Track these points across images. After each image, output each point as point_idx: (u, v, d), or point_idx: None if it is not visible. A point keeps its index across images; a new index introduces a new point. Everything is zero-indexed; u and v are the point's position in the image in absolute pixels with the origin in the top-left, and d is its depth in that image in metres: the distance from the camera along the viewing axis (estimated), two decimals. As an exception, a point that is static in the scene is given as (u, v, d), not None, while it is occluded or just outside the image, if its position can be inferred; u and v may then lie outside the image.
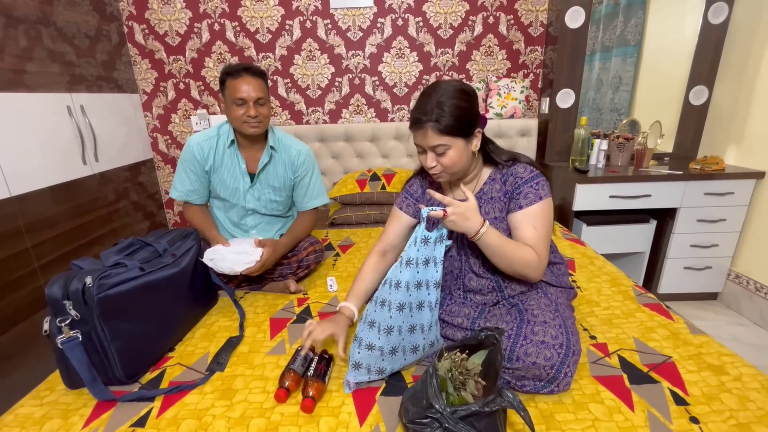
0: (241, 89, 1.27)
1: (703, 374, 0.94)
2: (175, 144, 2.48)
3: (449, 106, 0.90)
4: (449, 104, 0.90)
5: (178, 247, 1.18)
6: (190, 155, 1.40)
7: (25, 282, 1.58)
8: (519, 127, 2.30)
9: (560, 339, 0.89)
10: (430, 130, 0.91)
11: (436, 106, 0.90)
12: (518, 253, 0.93)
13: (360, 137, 2.34)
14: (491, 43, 2.32)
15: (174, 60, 2.32)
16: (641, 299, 1.27)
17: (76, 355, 0.88)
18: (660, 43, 2.28)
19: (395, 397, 0.89)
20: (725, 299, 2.14)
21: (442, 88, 0.93)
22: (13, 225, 1.53)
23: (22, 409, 0.90)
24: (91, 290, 0.87)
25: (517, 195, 0.98)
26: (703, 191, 1.95)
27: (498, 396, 0.67)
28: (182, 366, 1.03)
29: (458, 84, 0.94)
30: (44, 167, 1.68)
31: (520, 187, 0.97)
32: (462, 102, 0.91)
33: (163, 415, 0.86)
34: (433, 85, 0.95)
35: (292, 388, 0.90)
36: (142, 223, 2.38)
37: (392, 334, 0.89)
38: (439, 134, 0.91)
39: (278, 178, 1.47)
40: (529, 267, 0.94)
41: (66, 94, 1.82)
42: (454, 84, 0.94)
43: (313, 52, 2.31)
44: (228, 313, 1.28)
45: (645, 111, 2.37)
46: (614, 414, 0.83)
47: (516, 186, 0.98)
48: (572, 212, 2.04)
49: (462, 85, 0.94)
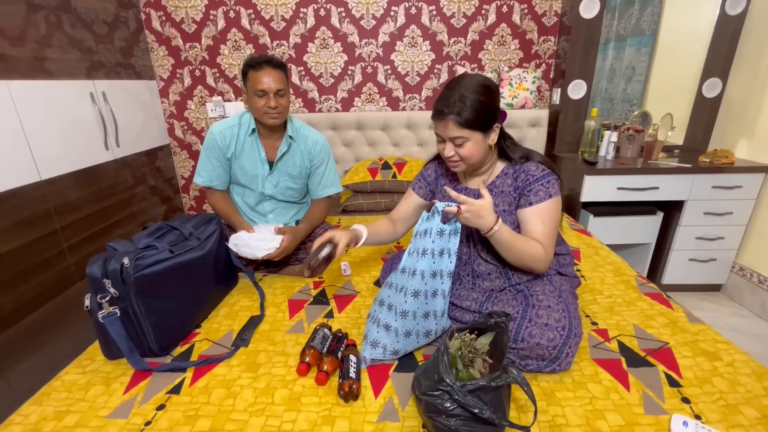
0: (262, 81, 1.32)
1: (697, 359, 0.99)
2: (191, 130, 2.54)
3: (471, 100, 0.94)
4: (471, 99, 0.95)
5: (202, 231, 1.25)
6: (212, 142, 1.46)
7: (55, 262, 1.67)
8: (529, 118, 2.32)
9: (563, 322, 0.95)
10: (451, 122, 0.96)
11: (458, 100, 0.95)
12: (527, 248, 0.99)
13: (372, 126, 2.38)
14: (504, 33, 2.32)
15: (190, 47, 2.36)
16: (643, 289, 1.33)
17: (115, 329, 0.96)
18: (675, 33, 2.27)
19: (407, 373, 0.96)
20: (728, 291, 2.18)
21: (467, 82, 0.97)
22: (43, 207, 1.62)
23: (67, 376, 0.98)
24: (129, 270, 0.95)
25: (527, 192, 1.02)
26: (711, 184, 1.97)
27: (503, 372, 0.74)
28: (209, 341, 1.11)
29: (482, 79, 0.99)
30: (70, 152, 1.75)
31: (532, 185, 1.02)
32: (483, 97, 0.96)
33: (196, 384, 0.95)
34: (458, 79, 1.00)
35: (312, 363, 0.98)
36: (159, 207, 2.46)
37: (407, 318, 0.96)
38: (459, 127, 0.96)
39: (295, 167, 1.53)
40: (536, 261, 1.00)
41: (89, 81, 1.88)
42: (478, 79, 0.98)
43: (326, 40, 2.34)
44: (248, 294, 1.36)
45: (657, 102, 2.37)
46: (611, 393, 0.90)
47: (527, 183, 1.03)
48: (579, 203, 2.08)
49: (485, 81, 0.99)
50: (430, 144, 2.41)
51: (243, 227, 1.42)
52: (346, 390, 0.88)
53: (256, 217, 1.61)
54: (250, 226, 1.44)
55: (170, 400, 0.90)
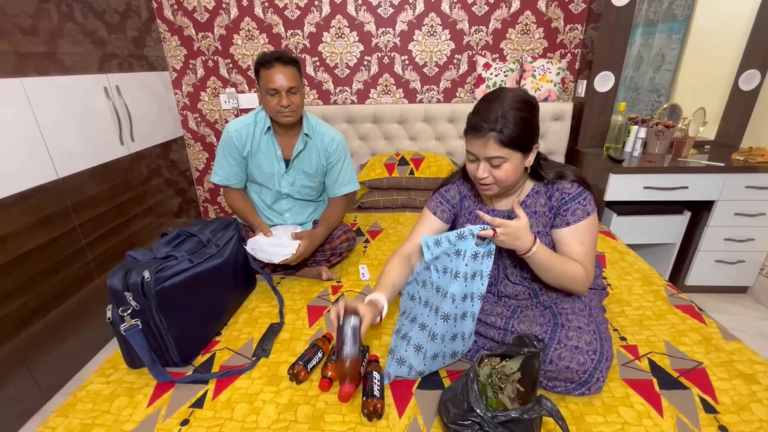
0: (273, 79, 1.28)
1: (734, 382, 0.95)
2: (204, 122, 2.51)
3: (513, 117, 0.87)
4: (513, 115, 0.87)
5: (220, 237, 1.23)
6: (228, 141, 1.43)
7: (75, 259, 1.68)
8: (552, 112, 2.23)
9: (594, 345, 0.91)
10: (492, 140, 0.88)
11: (501, 116, 0.87)
12: (566, 268, 0.93)
13: (388, 119, 2.32)
14: (528, 21, 2.21)
15: (203, 37, 2.30)
16: (673, 300, 1.28)
17: (137, 341, 0.95)
18: (712, 19, 2.13)
19: (431, 390, 0.95)
20: (755, 293, 2.11)
21: (508, 96, 0.89)
22: (61, 205, 1.62)
23: (91, 386, 0.99)
24: (149, 283, 0.93)
25: (564, 212, 0.97)
26: (745, 184, 1.88)
27: (537, 404, 0.71)
28: (230, 350, 1.11)
29: (523, 94, 0.91)
30: (86, 149, 1.74)
31: (567, 204, 0.97)
32: (526, 114, 0.89)
33: (218, 398, 0.94)
34: (497, 93, 0.92)
35: (334, 377, 0.96)
36: (175, 199, 2.46)
37: (436, 340, 0.94)
38: (500, 145, 0.88)
39: (312, 165, 1.49)
40: (575, 282, 0.95)
41: (102, 75, 1.85)
42: (520, 93, 0.91)
43: (342, 29, 2.25)
44: (267, 299, 1.35)
45: (687, 94, 2.25)
46: (643, 419, 0.87)
47: (563, 202, 0.97)
48: (603, 201, 2.01)
49: (527, 96, 0.91)
50: (448, 138, 2.34)
51: (261, 228, 1.41)
52: (371, 409, 0.87)
53: (272, 215, 1.59)
54: (268, 228, 1.42)
55: (194, 415, 0.90)
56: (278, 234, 1.40)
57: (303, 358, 1.00)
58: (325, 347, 1.05)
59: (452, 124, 2.31)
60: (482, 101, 0.93)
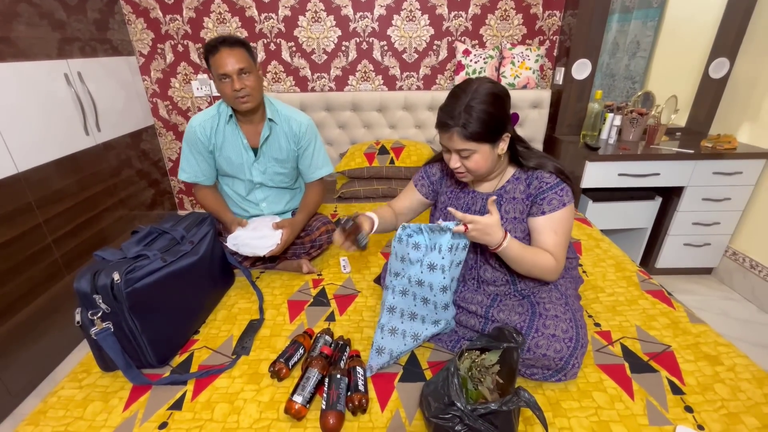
0: (221, 64, 1.23)
1: (699, 364, 1.00)
2: (176, 110, 2.41)
3: (478, 111, 0.88)
4: (478, 109, 0.88)
5: (195, 233, 1.19)
6: (192, 136, 1.37)
7: (41, 257, 1.60)
8: (531, 99, 2.24)
9: (570, 333, 0.94)
10: (456, 134, 0.90)
11: (464, 111, 0.88)
12: (537, 260, 0.96)
13: (367, 107, 2.28)
14: (507, 6, 2.19)
15: (171, 20, 2.18)
16: (644, 286, 1.32)
17: (109, 344, 0.92)
18: (684, 8, 2.16)
19: (412, 383, 0.96)
20: (719, 274, 2.22)
21: (474, 90, 0.90)
22: (23, 201, 1.53)
23: (63, 392, 0.96)
24: (120, 285, 0.90)
25: (540, 200, 0.98)
26: (712, 170, 1.95)
27: (515, 396, 0.73)
28: (209, 349, 1.09)
29: (491, 86, 0.91)
30: (48, 140, 1.64)
31: (545, 193, 0.98)
32: (491, 107, 0.89)
33: (197, 399, 0.93)
34: (464, 85, 0.92)
35: None
36: (148, 191, 2.37)
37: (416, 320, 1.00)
38: (464, 140, 0.90)
39: (281, 150, 1.46)
40: (546, 272, 0.97)
41: (62, 61, 1.73)
42: (486, 86, 0.91)
43: (318, 12, 2.18)
44: (246, 295, 1.33)
45: (660, 80, 2.30)
46: (615, 402, 0.90)
47: (540, 191, 0.99)
48: (580, 189, 2.05)
49: (494, 88, 0.91)
50: (428, 126, 2.32)
51: (235, 223, 1.37)
52: (355, 404, 0.87)
53: (248, 206, 1.55)
54: (242, 221, 1.39)
55: (172, 417, 0.88)
56: (257, 226, 1.37)
57: (284, 355, 0.99)
58: (306, 343, 1.05)
59: (432, 112, 2.29)
60: (450, 95, 0.95)
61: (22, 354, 1.51)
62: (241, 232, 1.33)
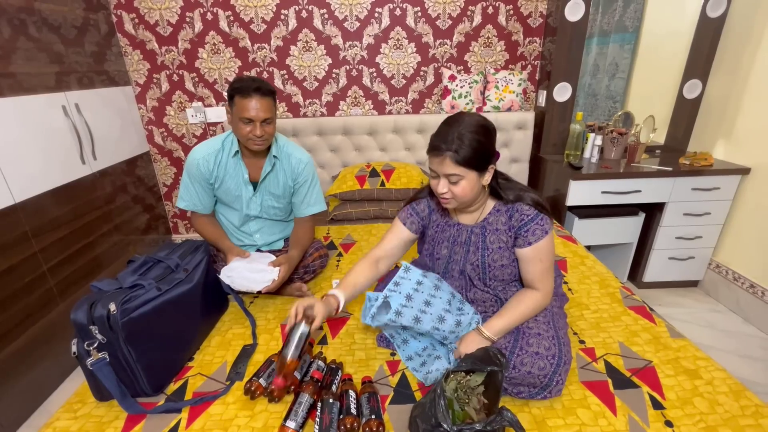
0: (249, 109, 1.27)
1: (679, 378, 1.04)
2: (171, 136, 2.46)
3: (469, 139, 0.95)
4: (469, 137, 0.95)
5: (189, 261, 1.23)
6: (195, 168, 1.41)
7: (36, 286, 1.62)
8: (516, 121, 2.32)
9: (552, 350, 0.98)
10: (448, 159, 0.96)
11: (457, 137, 0.95)
12: (522, 309, 1.05)
13: (358, 131, 2.35)
14: (490, 34, 2.30)
15: (166, 51, 2.26)
16: (627, 302, 1.37)
17: (105, 374, 0.94)
18: (658, 32, 2.28)
19: (403, 405, 0.98)
20: (705, 287, 2.27)
21: (465, 120, 0.98)
22: (19, 231, 1.55)
23: (58, 423, 0.97)
24: (116, 316, 0.92)
25: (525, 232, 1.04)
26: (691, 186, 2.02)
27: (498, 416, 0.76)
28: (203, 376, 1.10)
29: (480, 119, 0.99)
30: (45, 171, 1.68)
31: (527, 225, 1.04)
32: (482, 137, 0.97)
33: (192, 426, 0.94)
34: (456, 116, 1.00)
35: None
36: (143, 216, 2.40)
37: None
38: (455, 164, 0.96)
39: (279, 186, 1.50)
40: (537, 309, 1.06)
41: (60, 94, 1.79)
42: (477, 118, 0.99)
43: (309, 42, 2.27)
44: (240, 320, 1.35)
45: (639, 100, 2.40)
46: (599, 419, 0.93)
47: (523, 223, 1.05)
48: (565, 206, 2.11)
49: (484, 121, 1.00)
50: (417, 148, 2.40)
51: (233, 253, 1.40)
52: (348, 427, 0.89)
53: (242, 236, 1.58)
54: (241, 251, 1.41)
55: (167, 446, 0.90)
56: (254, 259, 1.39)
57: (257, 374, 1.02)
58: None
59: (421, 135, 2.37)
60: (443, 124, 1.01)
61: (16, 384, 1.51)
62: (236, 263, 1.35)
